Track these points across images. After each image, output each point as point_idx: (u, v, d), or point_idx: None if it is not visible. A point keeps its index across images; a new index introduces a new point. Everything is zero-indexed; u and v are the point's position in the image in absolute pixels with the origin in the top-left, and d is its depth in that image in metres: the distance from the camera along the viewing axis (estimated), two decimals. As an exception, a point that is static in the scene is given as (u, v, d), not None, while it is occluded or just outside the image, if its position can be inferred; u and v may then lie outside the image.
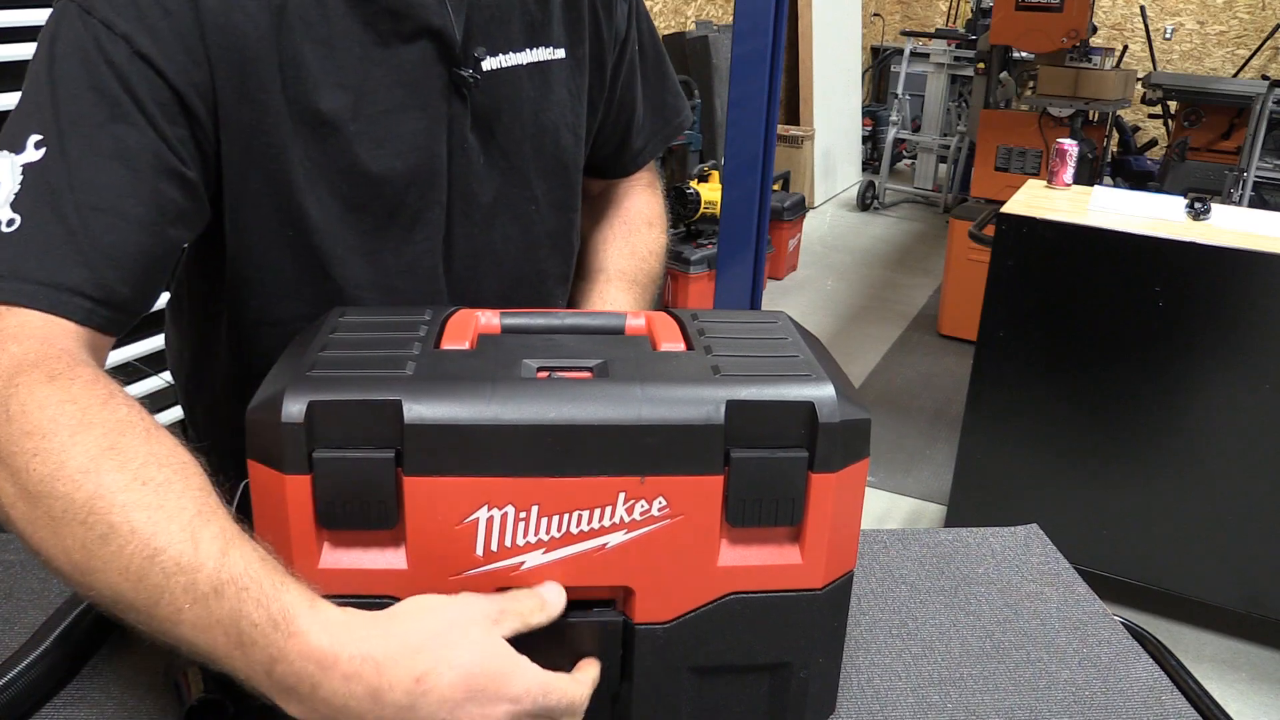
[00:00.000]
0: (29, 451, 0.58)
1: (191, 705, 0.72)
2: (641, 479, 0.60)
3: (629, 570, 0.63)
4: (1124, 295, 2.32)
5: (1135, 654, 0.89)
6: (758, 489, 0.62)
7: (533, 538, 0.61)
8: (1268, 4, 6.71)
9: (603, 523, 0.61)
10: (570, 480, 0.60)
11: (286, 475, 0.59)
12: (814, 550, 0.65)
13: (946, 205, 6.25)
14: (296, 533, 0.61)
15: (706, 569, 0.64)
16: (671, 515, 0.61)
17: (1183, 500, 2.36)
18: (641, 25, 1.05)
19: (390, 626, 0.57)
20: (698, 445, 0.61)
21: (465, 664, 0.56)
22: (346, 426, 0.59)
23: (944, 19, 7.53)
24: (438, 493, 0.60)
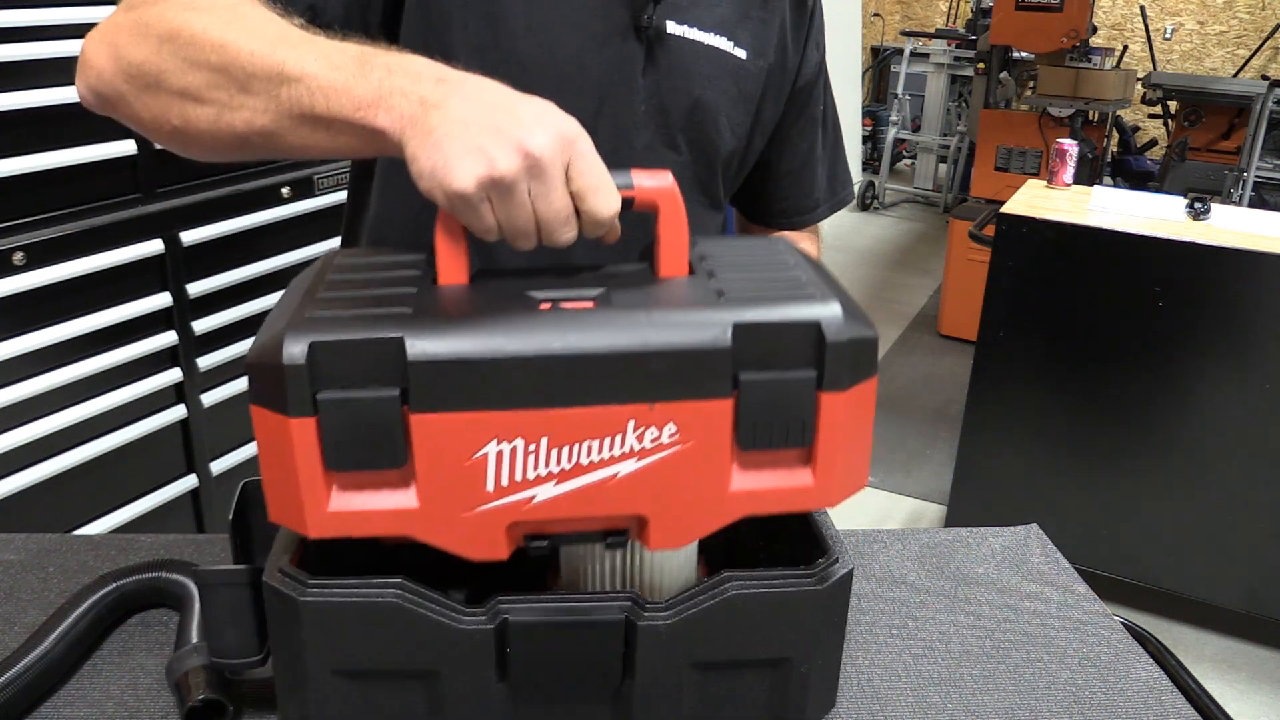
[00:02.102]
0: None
1: (191, 705, 0.72)
2: (651, 406, 0.60)
3: (642, 498, 0.62)
4: (1124, 295, 2.32)
5: (1135, 654, 0.89)
6: (767, 411, 0.61)
7: (543, 470, 0.60)
8: (1268, 4, 6.71)
9: (613, 452, 0.60)
10: (579, 410, 0.59)
11: (291, 419, 0.59)
12: (826, 471, 0.64)
13: (946, 205, 6.25)
14: (304, 477, 0.60)
15: (719, 494, 0.63)
16: (682, 441, 0.61)
17: (1183, 500, 2.36)
18: (827, 97, 1.10)
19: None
20: (706, 370, 0.60)
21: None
22: (350, 366, 0.58)
23: (944, 19, 7.53)
24: (445, 429, 0.59)
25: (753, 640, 0.68)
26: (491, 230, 0.62)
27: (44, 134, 1.59)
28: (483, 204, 0.60)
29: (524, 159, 0.59)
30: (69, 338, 1.66)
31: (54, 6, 1.57)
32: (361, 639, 0.65)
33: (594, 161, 0.62)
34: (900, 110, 6.49)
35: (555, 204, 0.61)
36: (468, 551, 0.63)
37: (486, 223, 0.61)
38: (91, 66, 0.76)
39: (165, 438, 1.88)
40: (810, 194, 1.11)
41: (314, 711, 0.68)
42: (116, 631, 0.85)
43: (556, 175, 0.60)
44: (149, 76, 0.72)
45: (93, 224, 1.68)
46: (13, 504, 1.62)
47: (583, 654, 0.67)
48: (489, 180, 0.59)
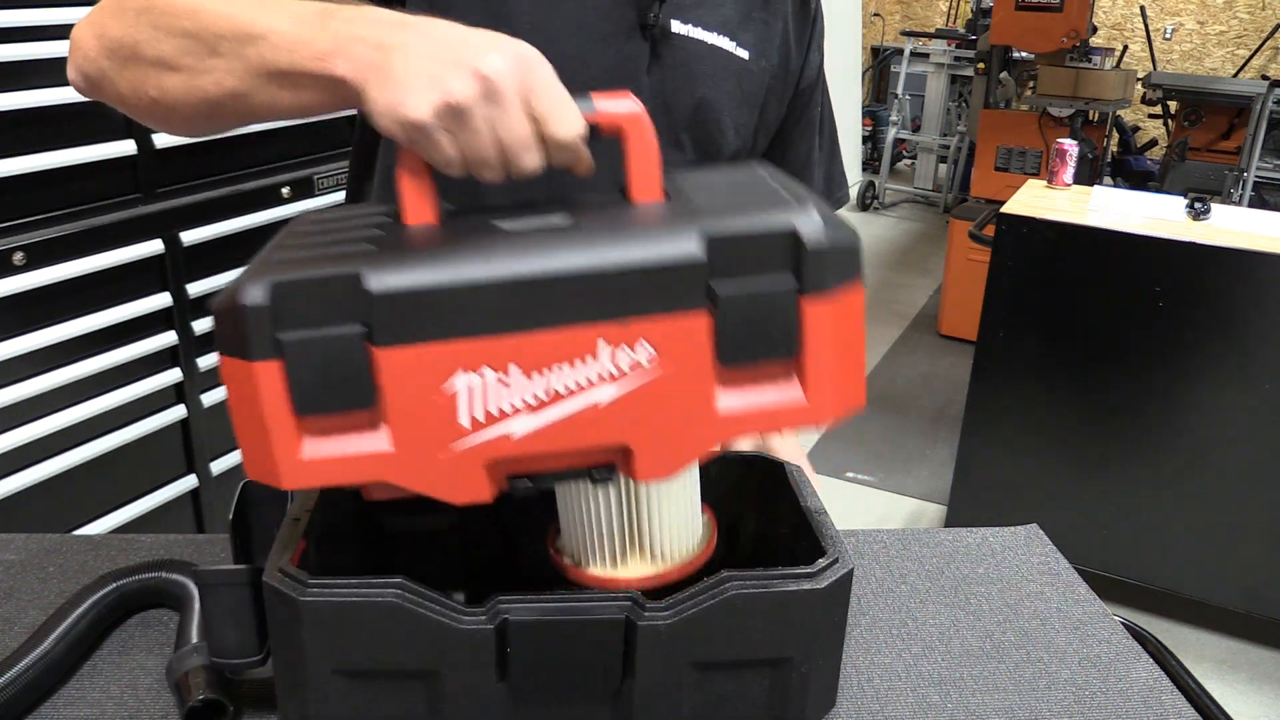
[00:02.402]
0: None
1: (191, 705, 0.72)
2: (623, 323, 0.58)
3: (624, 427, 0.60)
4: (1124, 295, 2.32)
5: (1135, 654, 0.89)
6: (748, 322, 0.59)
7: (517, 401, 0.58)
8: (1268, 4, 6.71)
9: (588, 376, 0.58)
10: (546, 333, 0.58)
11: (255, 362, 0.58)
12: (817, 385, 0.61)
13: (946, 205, 6.25)
14: (273, 423, 0.59)
15: (706, 417, 0.60)
16: (660, 362, 0.59)
17: (1183, 500, 2.37)
18: (825, 101, 1.10)
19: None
20: (678, 282, 0.58)
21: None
22: (311, 305, 0.57)
23: (944, 19, 7.54)
24: (411, 362, 0.58)
25: (753, 640, 0.68)
26: (453, 162, 0.60)
27: (44, 134, 1.59)
28: (440, 133, 0.59)
29: (479, 82, 0.58)
30: (69, 338, 1.67)
31: (54, 6, 1.57)
32: (361, 639, 0.65)
33: (552, 84, 0.60)
34: (900, 110, 6.50)
35: (515, 128, 0.59)
36: (449, 494, 0.61)
37: (446, 153, 0.60)
38: (79, 49, 0.77)
39: (165, 438, 1.88)
40: None
41: (314, 711, 0.68)
42: (116, 631, 0.85)
43: (513, 98, 0.59)
44: (126, 49, 0.73)
45: (93, 224, 1.68)
46: (13, 504, 1.62)
47: (583, 654, 0.67)
48: (444, 107, 0.58)
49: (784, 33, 0.99)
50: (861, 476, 3.27)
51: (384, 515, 0.85)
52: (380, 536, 0.85)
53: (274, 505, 0.74)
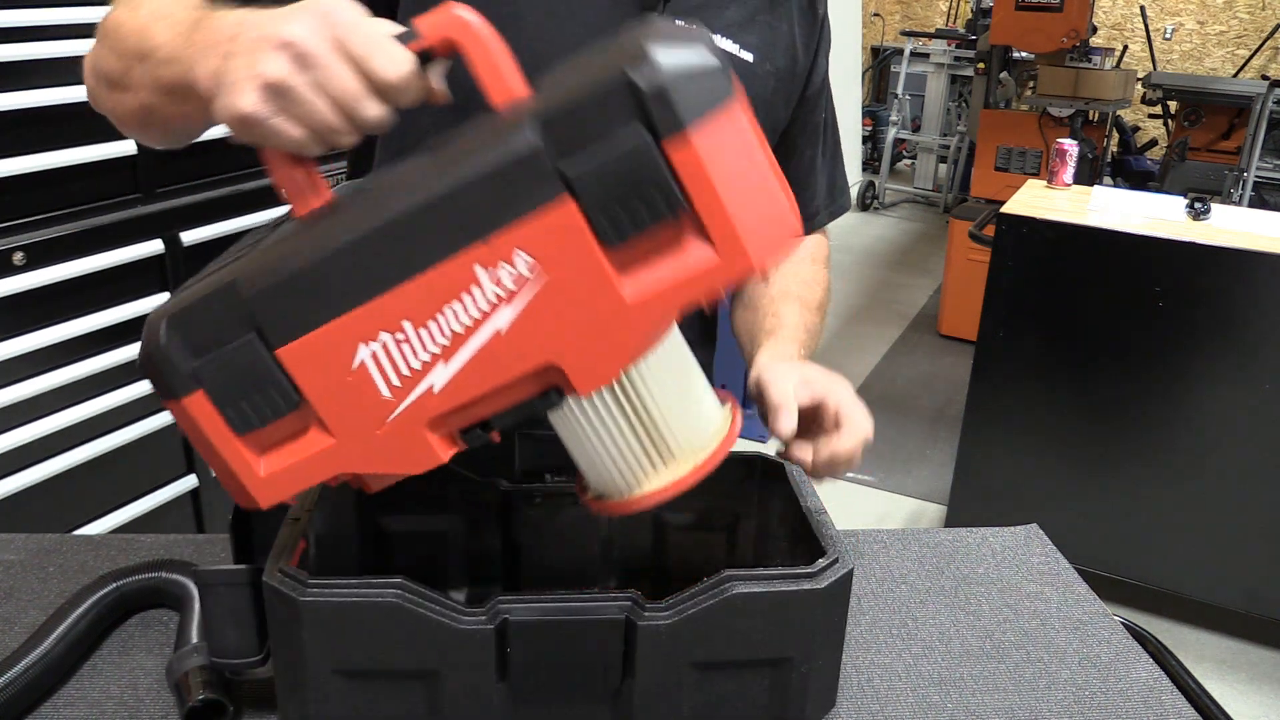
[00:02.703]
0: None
1: (191, 705, 0.72)
2: (485, 241, 0.55)
3: (537, 346, 0.57)
4: (1124, 295, 2.32)
5: (1135, 654, 0.89)
6: (612, 193, 0.54)
7: (424, 354, 0.57)
8: (1268, 4, 6.71)
9: (480, 307, 0.56)
10: (422, 277, 0.56)
11: (183, 399, 0.59)
12: (723, 232, 0.55)
13: (946, 205, 6.25)
14: (225, 452, 0.60)
15: (618, 311, 0.56)
16: (542, 267, 0.55)
17: (1183, 500, 2.36)
18: (829, 107, 1.09)
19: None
20: (524, 178, 0.54)
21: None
22: (205, 327, 0.58)
23: (944, 19, 7.54)
24: (310, 351, 0.58)
25: (753, 640, 0.68)
26: (302, 141, 0.59)
27: (44, 134, 1.59)
28: (275, 118, 0.58)
29: (287, 52, 0.57)
30: (69, 338, 1.67)
31: (54, 6, 1.57)
32: (361, 639, 0.65)
33: (362, 25, 0.58)
34: (900, 110, 6.50)
35: (339, 83, 0.57)
36: (409, 467, 0.60)
37: (290, 134, 0.58)
38: (84, 71, 0.81)
39: (165, 438, 1.88)
40: (811, 201, 1.11)
41: (314, 711, 0.68)
42: (116, 631, 0.85)
43: (327, 55, 0.57)
44: (99, 71, 0.78)
45: (93, 224, 1.68)
46: (13, 504, 1.62)
47: (583, 654, 0.67)
48: (264, 90, 0.57)
49: (790, 35, 0.99)
50: (861, 476, 3.27)
51: (384, 515, 0.85)
52: (380, 536, 0.85)
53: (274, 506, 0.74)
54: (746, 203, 0.55)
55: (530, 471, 0.84)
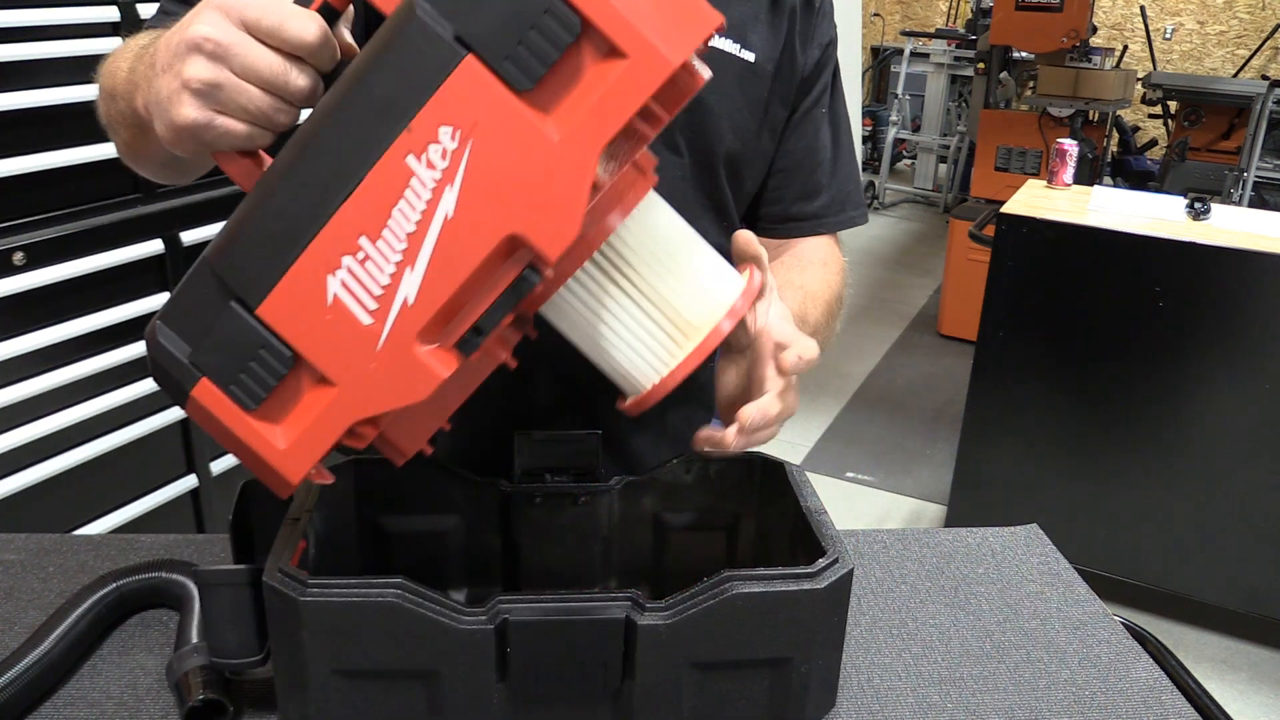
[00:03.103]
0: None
1: (191, 705, 0.72)
2: (407, 128, 0.55)
3: (492, 220, 0.56)
4: (1124, 295, 2.32)
5: (1135, 654, 0.89)
6: (509, 35, 0.53)
7: (389, 266, 0.57)
8: (1268, 4, 6.71)
9: (424, 198, 0.56)
10: (360, 190, 0.56)
11: (191, 391, 0.60)
12: (625, 35, 0.53)
13: (946, 205, 6.25)
14: (243, 433, 0.60)
15: (552, 154, 0.55)
16: (467, 133, 0.55)
17: (1183, 500, 2.37)
18: (837, 109, 1.07)
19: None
20: (421, 53, 0.54)
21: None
22: (192, 315, 0.59)
23: (944, 19, 7.54)
24: (285, 299, 0.58)
25: (753, 640, 0.68)
26: (249, 134, 0.60)
27: (44, 134, 1.59)
28: (217, 119, 0.58)
29: (198, 50, 0.57)
30: (69, 338, 1.67)
31: (54, 6, 1.57)
32: (361, 639, 0.65)
33: (261, 2, 0.58)
34: (900, 110, 6.50)
35: (260, 63, 0.57)
36: (415, 392, 0.60)
37: (236, 130, 0.59)
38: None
39: (165, 438, 1.88)
40: (810, 200, 1.07)
41: (314, 711, 0.68)
42: (116, 631, 0.85)
43: (238, 40, 0.57)
44: (100, 114, 0.79)
45: (93, 224, 1.68)
46: (13, 504, 1.62)
47: (583, 654, 0.67)
48: (194, 95, 0.58)
49: (790, 31, 0.98)
50: (861, 476, 3.27)
51: (384, 515, 0.85)
52: (380, 536, 0.85)
53: (274, 505, 0.74)
54: (642, 7, 0.54)
55: (530, 471, 0.84)
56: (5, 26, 1.52)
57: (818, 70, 1.03)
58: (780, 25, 0.97)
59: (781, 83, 0.99)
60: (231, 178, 0.62)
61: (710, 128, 0.95)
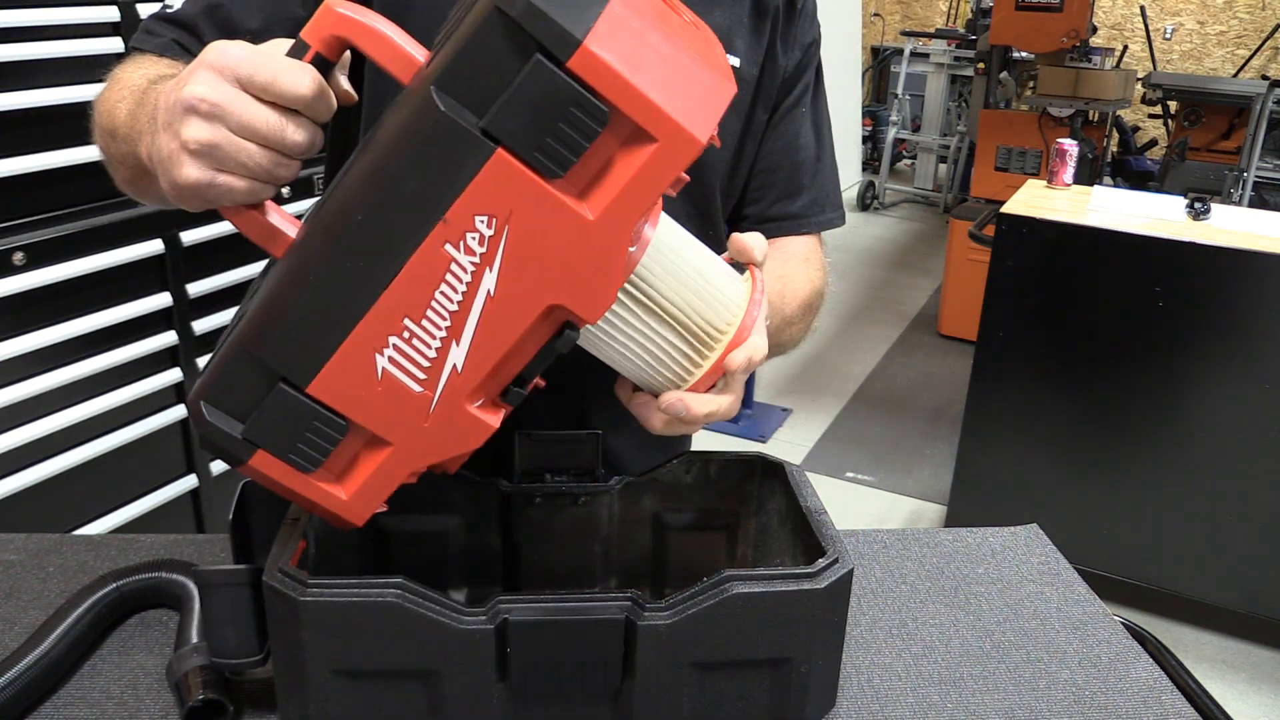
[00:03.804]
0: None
1: (191, 705, 0.72)
2: (443, 219, 0.56)
3: (533, 294, 0.58)
4: (1124, 295, 2.32)
5: (1135, 654, 0.89)
6: (538, 128, 0.54)
7: (435, 342, 0.59)
8: (1268, 4, 6.71)
9: (465, 280, 0.58)
10: (400, 277, 0.57)
11: (249, 462, 0.61)
12: (655, 120, 0.55)
13: (946, 205, 6.25)
14: (306, 491, 0.63)
15: (588, 232, 0.57)
16: (502, 220, 0.56)
17: (1183, 500, 2.36)
18: (820, 105, 1.07)
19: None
20: (450, 145, 0.55)
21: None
22: (237, 395, 0.61)
23: (944, 19, 7.54)
24: (334, 377, 0.59)
25: (753, 640, 0.68)
26: (250, 191, 0.60)
27: (44, 134, 1.59)
28: (218, 177, 0.59)
29: (194, 111, 0.57)
30: (69, 338, 1.67)
31: (54, 6, 1.57)
32: (361, 639, 0.65)
33: (254, 57, 0.58)
34: (900, 110, 6.50)
35: (255, 120, 0.57)
36: (468, 443, 0.63)
37: (237, 188, 0.59)
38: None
39: (165, 438, 1.88)
40: (792, 200, 1.07)
41: (314, 711, 0.68)
42: (116, 631, 0.85)
43: (234, 98, 0.58)
44: (97, 147, 0.82)
45: (93, 224, 1.68)
46: (13, 504, 1.62)
47: (583, 654, 0.67)
48: (193, 156, 0.58)
49: (773, 34, 0.98)
50: (861, 476, 3.27)
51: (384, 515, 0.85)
52: (380, 536, 0.85)
53: (274, 505, 0.74)
54: (666, 82, 0.55)
55: (530, 471, 0.84)
56: (5, 26, 1.52)
57: (799, 71, 1.03)
58: (763, 30, 0.97)
59: (764, 87, 0.99)
60: (238, 229, 0.63)
61: None
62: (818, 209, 1.08)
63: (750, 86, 0.97)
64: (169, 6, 0.87)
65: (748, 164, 1.03)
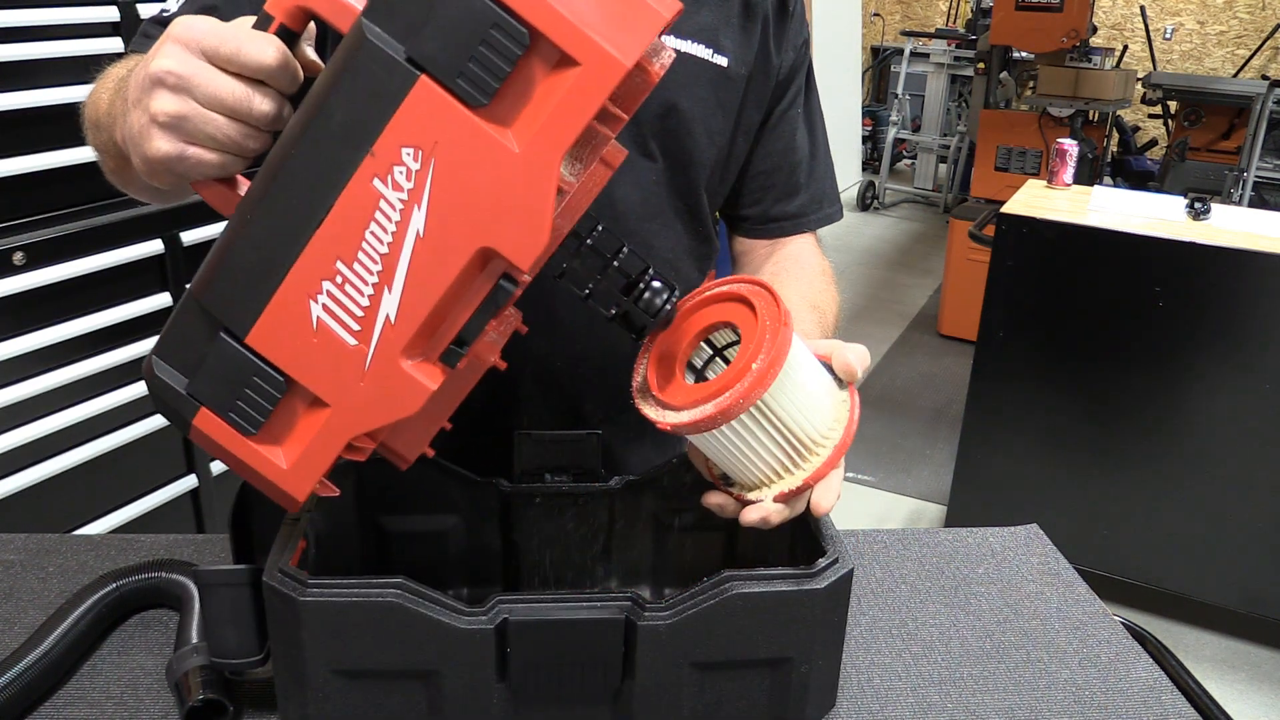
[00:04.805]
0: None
1: (191, 705, 0.72)
2: (370, 152, 0.56)
3: (463, 235, 0.57)
4: (1124, 295, 2.32)
5: (1135, 654, 0.89)
6: (459, 52, 0.53)
7: (367, 288, 0.58)
8: (1268, 4, 6.71)
9: (393, 218, 0.57)
10: (331, 215, 0.57)
11: (193, 421, 0.61)
12: (575, 42, 0.53)
13: (946, 205, 6.25)
14: (246, 456, 0.62)
15: (514, 165, 0.55)
16: (429, 153, 0.55)
17: (1182, 500, 2.36)
18: (813, 104, 1.08)
19: None
20: (376, 77, 0.54)
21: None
22: (184, 348, 0.61)
23: (944, 19, 7.53)
24: (271, 326, 0.59)
25: (753, 640, 0.68)
26: (221, 163, 0.60)
27: (44, 134, 1.59)
28: (188, 150, 0.59)
29: (161, 84, 0.58)
30: (69, 338, 1.67)
31: (54, 6, 1.57)
32: (361, 639, 0.65)
33: (219, 30, 0.58)
34: (900, 110, 6.49)
35: (221, 91, 0.58)
36: (406, 406, 0.61)
37: (208, 160, 0.60)
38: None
39: (165, 438, 1.88)
40: (790, 200, 1.07)
41: (314, 711, 0.68)
42: (116, 631, 0.85)
43: (199, 70, 0.58)
44: (88, 141, 0.82)
45: (93, 224, 1.68)
46: (13, 504, 1.62)
47: (583, 654, 0.67)
48: (162, 129, 0.58)
49: (764, 35, 0.98)
50: (861, 476, 3.27)
51: (384, 515, 0.85)
52: (380, 536, 0.85)
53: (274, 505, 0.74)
54: (588, 3, 0.54)
55: (530, 471, 0.84)
56: (5, 26, 1.52)
57: (793, 72, 1.03)
58: (753, 30, 0.97)
59: (755, 87, 0.99)
60: (210, 204, 0.63)
61: (684, 133, 0.95)
62: (815, 206, 1.09)
63: (739, 86, 0.97)
64: (165, 11, 0.88)
65: (739, 161, 1.03)
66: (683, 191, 0.99)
